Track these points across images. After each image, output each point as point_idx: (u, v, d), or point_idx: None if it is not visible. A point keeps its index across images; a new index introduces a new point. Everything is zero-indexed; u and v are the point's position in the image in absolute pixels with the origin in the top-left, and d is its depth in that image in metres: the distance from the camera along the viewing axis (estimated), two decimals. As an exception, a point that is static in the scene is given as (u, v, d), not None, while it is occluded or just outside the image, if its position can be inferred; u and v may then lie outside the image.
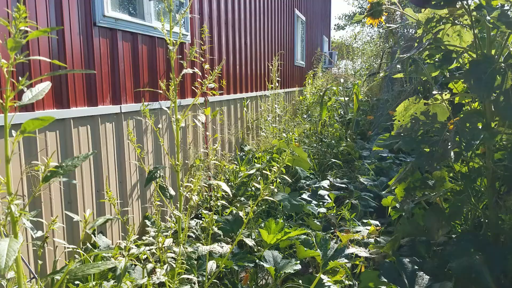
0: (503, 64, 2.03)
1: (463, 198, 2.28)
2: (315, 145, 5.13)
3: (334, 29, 30.54)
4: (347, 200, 3.62)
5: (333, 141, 4.65)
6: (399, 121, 2.89)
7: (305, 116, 7.42)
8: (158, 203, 1.90)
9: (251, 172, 2.77)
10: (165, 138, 3.44)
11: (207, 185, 3.86)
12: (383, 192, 3.87)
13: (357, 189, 4.00)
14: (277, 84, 5.79)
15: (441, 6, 2.09)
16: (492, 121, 2.30)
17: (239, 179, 4.06)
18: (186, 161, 3.72)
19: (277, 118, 5.83)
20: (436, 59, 2.31)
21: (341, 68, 12.15)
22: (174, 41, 1.75)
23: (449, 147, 2.10)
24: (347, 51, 11.47)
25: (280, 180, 3.80)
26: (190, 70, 1.78)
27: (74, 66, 2.37)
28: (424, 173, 2.68)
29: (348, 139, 4.92)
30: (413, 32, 7.27)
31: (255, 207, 3.37)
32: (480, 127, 2.16)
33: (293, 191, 3.71)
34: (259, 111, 5.91)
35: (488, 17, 1.96)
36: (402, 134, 2.35)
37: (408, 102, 2.78)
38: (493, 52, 2.28)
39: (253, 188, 3.79)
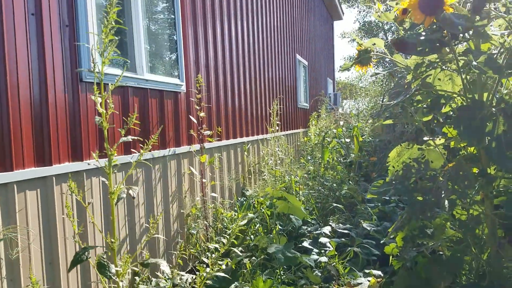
0: (494, 109, 1.98)
1: (463, 247, 2.15)
2: (317, 187, 5.03)
3: (339, 70, 31.04)
4: (349, 248, 3.48)
5: (334, 184, 4.56)
6: (393, 166, 2.82)
7: (309, 158, 7.36)
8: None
9: (243, 222, 2.69)
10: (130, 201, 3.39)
11: (203, 237, 3.76)
12: (385, 239, 3.73)
13: (360, 235, 3.86)
14: (277, 128, 5.78)
15: (426, 53, 2.07)
16: (489, 167, 2.22)
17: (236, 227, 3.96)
18: (182, 211, 3.65)
19: (279, 161, 5.77)
20: (424, 105, 2.27)
21: (346, 109, 12.20)
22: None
23: (443, 195, 2.01)
24: (350, 92, 11.55)
25: (279, 227, 3.70)
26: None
27: (58, 121, 2.38)
28: (422, 220, 2.57)
29: (351, 182, 4.82)
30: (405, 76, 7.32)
31: (253, 258, 3.25)
32: (475, 172, 2.07)
33: (291, 240, 3.59)
34: (260, 155, 5.88)
35: (474, 63, 1.93)
36: (394, 182, 2.27)
37: (401, 147, 2.72)
38: (485, 96, 2.23)
39: (252, 236, 3.67)
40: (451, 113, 2.35)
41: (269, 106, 6.48)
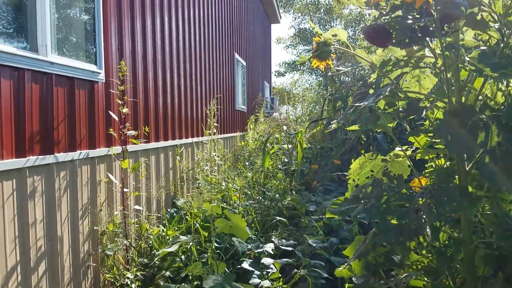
0: (483, 116, 1.63)
1: (439, 284, 1.79)
2: (257, 197, 4.57)
3: (275, 75, 31.20)
4: (295, 270, 3.04)
5: (277, 195, 4.14)
6: (353, 180, 2.42)
7: (247, 164, 6.90)
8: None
9: (173, 249, 2.12)
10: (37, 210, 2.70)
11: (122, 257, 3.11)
12: (334, 258, 3.35)
13: (305, 253, 3.44)
14: (215, 131, 5.24)
15: (406, 44, 1.68)
16: (467, 183, 1.89)
17: (165, 244, 3.36)
18: (96, 228, 2.97)
19: (216, 168, 5.24)
20: (400, 109, 1.89)
21: (283, 113, 11.98)
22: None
23: (424, 221, 1.63)
24: (288, 97, 11.36)
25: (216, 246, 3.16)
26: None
27: None
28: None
29: (293, 192, 4.43)
30: (349, 80, 7.19)
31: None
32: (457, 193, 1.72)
33: (228, 260, 3.07)
34: (195, 160, 5.29)
35: (467, 58, 1.57)
36: (363, 201, 1.85)
37: (363, 158, 2.33)
38: (463, 100, 1.90)
39: (183, 257, 3.09)
40: (427, 120, 2.00)
41: (205, 106, 5.91)
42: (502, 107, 1.69)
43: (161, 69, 4.37)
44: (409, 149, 2.20)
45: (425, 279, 1.91)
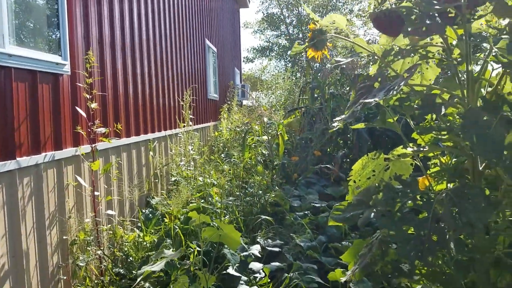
0: (509, 113, 1.47)
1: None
2: (238, 193, 4.35)
3: (244, 61, 30.79)
4: (285, 275, 2.86)
5: (260, 191, 3.93)
6: (354, 181, 2.24)
7: (222, 156, 6.65)
8: None
9: (157, 267, 1.87)
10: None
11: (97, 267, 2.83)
12: (325, 259, 3.20)
13: (294, 254, 3.26)
14: (190, 123, 4.95)
15: (424, 33, 1.49)
16: (481, 184, 1.74)
17: (142, 251, 3.09)
18: (65, 237, 2.67)
19: (192, 162, 4.97)
20: (416, 106, 1.70)
21: (255, 101, 11.75)
22: None
23: (448, 233, 1.46)
24: (260, 84, 11.12)
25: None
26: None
27: None
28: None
29: (276, 187, 4.24)
30: (329, 68, 7.01)
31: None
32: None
33: (210, 263, 2.85)
34: (169, 154, 4.99)
35: (495, 49, 1.39)
36: (374, 209, 1.66)
37: (366, 158, 2.15)
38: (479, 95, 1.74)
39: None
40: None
41: (178, 95, 5.59)
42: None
43: (131, 57, 4.03)
44: (413, 147, 2.04)
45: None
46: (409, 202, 1.66)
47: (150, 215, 3.77)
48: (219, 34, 10.21)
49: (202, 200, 4.16)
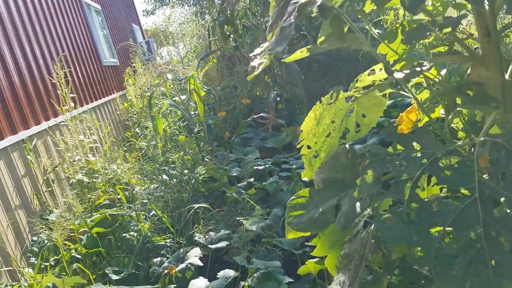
0: None
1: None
2: (160, 178, 3.41)
3: (144, 15, 28.10)
4: (242, 283, 2.07)
5: (186, 171, 3.02)
6: (308, 147, 1.40)
7: (137, 131, 5.56)
8: None
9: None
10: None
11: None
12: (286, 240, 2.43)
13: (245, 241, 2.48)
14: (72, 104, 3.79)
15: None
16: None
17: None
18: None
19: (95, 152, 3.89)
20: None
21: (164, 57, 10.41)
22: None
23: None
24: (164, 36, 9.80)
25: None
26: None
27: None
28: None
29: (206, 158, 3.34)
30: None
31: None
32: None
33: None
34: (59, 151, 3.85)
35: None
36: (360, 199, 0.85)
37: (320, 106, 1.31)
38: None
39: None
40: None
41: (49, 73, 4.31)
42: None
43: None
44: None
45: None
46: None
47: (46, 241, 2.75)
48: (100, -12, 8.56)
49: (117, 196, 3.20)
